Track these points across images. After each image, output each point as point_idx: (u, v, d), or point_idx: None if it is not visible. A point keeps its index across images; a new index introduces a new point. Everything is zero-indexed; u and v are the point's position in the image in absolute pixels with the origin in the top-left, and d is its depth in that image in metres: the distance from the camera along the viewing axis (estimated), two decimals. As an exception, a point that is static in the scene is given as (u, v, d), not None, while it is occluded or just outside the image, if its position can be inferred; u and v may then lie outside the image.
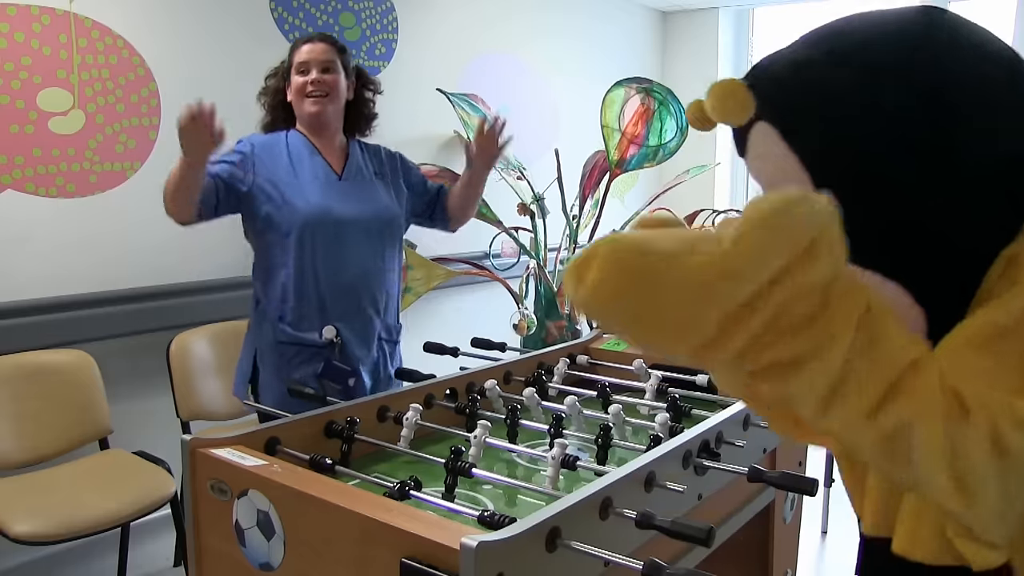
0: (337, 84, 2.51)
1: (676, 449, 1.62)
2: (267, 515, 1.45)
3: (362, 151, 2.64)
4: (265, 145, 2.49)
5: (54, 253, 3.05)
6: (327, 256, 2.44)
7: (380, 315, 2.57)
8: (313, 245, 2.42)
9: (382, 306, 2.57)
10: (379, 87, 2.72)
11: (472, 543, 1.13)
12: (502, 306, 3.97)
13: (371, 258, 2.52)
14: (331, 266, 2.45)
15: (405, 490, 1.49)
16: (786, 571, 2.26)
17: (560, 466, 1.61)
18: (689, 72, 6.29)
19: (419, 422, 1.89)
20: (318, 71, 2.47)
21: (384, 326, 2.60)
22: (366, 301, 2.52)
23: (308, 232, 2.41)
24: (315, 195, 2.44)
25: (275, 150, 2.49)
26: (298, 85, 2.49)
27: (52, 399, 2.88)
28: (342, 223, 2.45)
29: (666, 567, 1.18)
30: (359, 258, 2.49)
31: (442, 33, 4.49)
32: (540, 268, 3.76)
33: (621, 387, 2.29)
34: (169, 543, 3.23)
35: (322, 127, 2.53)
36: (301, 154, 2.50)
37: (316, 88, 2.47)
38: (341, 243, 2.45)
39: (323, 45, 2.51)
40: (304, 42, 2.53)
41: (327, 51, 2.51)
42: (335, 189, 2.49)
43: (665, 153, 3.67)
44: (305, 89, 2.48)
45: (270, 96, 2.59)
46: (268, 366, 2.49)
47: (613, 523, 1.39)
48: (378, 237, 2.53)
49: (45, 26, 2.94)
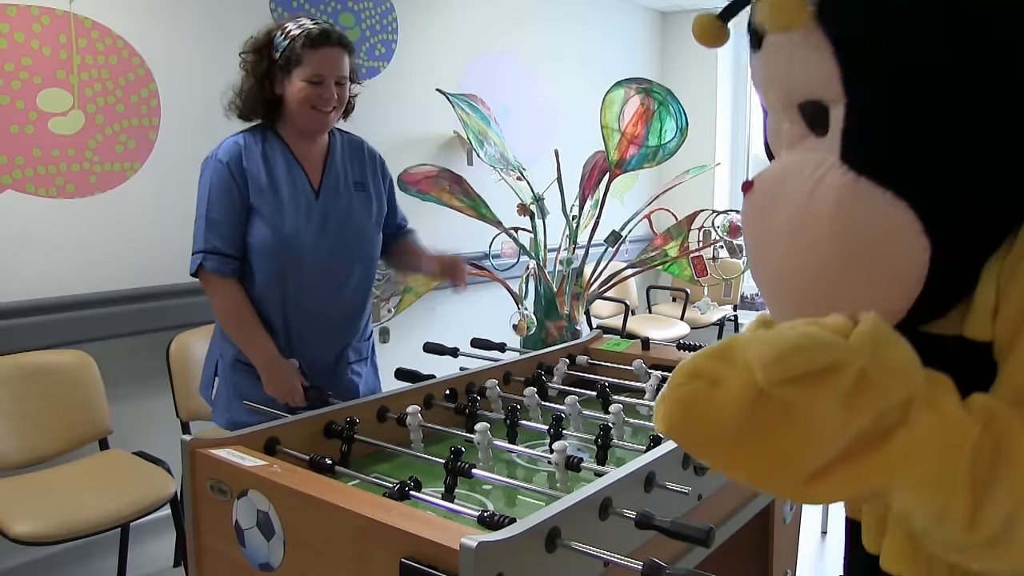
0: (346, 95, 2.29)
1: (676, 449, 1.62)
2: (267, 515, 1.45)
3: (343, 149, 2.42)
4: (238, 158, 2.25)
5: (54, 253, 3.05)
6: (297, 287, 2.27)
7: (348, 340, 2.42)
8: (282, 275, 2.26)
9: (349, 331, 2.42)
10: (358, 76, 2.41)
11: (472, 543, 1.13)
12: (502, 306, 3.96)
13: (338, 285, 2.34)
14: (300, 297, 2.29)
15: (405, 490, 1.49)
16: (786, 571, 2.26)
17: (566, 468, 1.61)
18: (689, 72, 6.30)
19: (422, 424, 1.90)
20: (334, 86, 2.23)
21: (354, 349, 2.45)
22: (331, 329, 2.37)
23: (276, 262, 2.25)
24: (289, 220, 2.24)
25: (250, 157, 2.26)
26: (308, 96, 2.21)
27: (52, 399, 2.88)
28: (312, 253, 2.27)
29: (666, 567, 1.18)
30: (325, 287, 2.31)
31: (442, 33, 4.50)
32: (540, 268, 3.76)
33: (621, 387, 2.29)
34: (169, 543, 3.23)
35: (311, 135, 2.32)
36: (277, 165, 2.28)
37: (328, 104, 2.23)
38: (308, 272, 2.27)
39: (341, 53, 2.24)
40: (320, 43, 2.20)
41: (344, 61, 2.24)
42: (312, 213, 2.28)
43: (665, 153, 3.67)
44: (316, 103, 2.21)
45: (256, 82, 2.26)
46: (226, 382, 2.35)
47: (613, 523, 1.39)
48: (348, 262, 2.35)
49: (45, 26, 2.94)
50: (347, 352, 2.43)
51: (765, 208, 0.95)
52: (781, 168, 0.95)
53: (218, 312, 2.28)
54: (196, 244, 2.26)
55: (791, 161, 0.93)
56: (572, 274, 3.80)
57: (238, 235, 2.25)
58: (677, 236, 3.87)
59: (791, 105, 0.95)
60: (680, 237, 3.86)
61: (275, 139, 2.31)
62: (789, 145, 0.96)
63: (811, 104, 0.92)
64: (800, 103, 0.94)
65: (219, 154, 2.26)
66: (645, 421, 1.96)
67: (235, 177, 2.23)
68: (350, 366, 2.45)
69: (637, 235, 4.53)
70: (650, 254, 3.94)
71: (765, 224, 0.95)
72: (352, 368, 2.45)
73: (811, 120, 0.93)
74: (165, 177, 3.33)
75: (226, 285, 2.25)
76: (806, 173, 0.89)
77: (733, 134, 6.46)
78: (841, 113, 0.88)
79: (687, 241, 3.85)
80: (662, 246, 3.90)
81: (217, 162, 2.25)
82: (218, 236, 2.23)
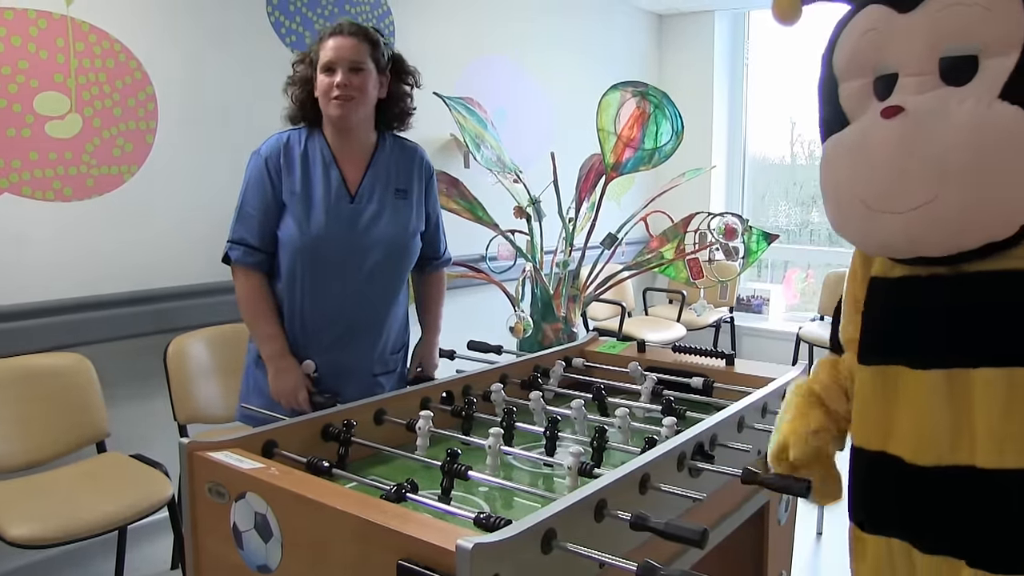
0: (366, 85, 2.26)
1: (671, 451, 1.63)
2: (264, 517, 1.45)
3: (392, 155, 2.42)
4: (277, 154, 2.31)
5: (51, 256, 3.06)
6: (315, 288, 2.30)
7: (372, 350, 2.41)
8: (303, 274, 2.30)
9: (371, 338, 2.40)
10: (419, 79, 2.46)
11: (468, 544, 1.14)
12: (498, 309, 3.97)
13: (364, 293, 2.34)
14: (319, 299, 2.31)
15: (401, 492, 1.50)
16: (781, 572, 2.27)
17: (578, 475, 1.61)
18: (685, 75, 6.32)
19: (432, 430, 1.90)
20: (345, 72, 2.22)
21: (380, 360, 2.43)
22: (349, 334, 2.36)
23: (300, 261, 2.28)
24: (317, 221, 2.27)
25: (290, 156, 2.31)
26: (323, 86, 2.25)
27: (50, 402, 2.88)
28: (337, 257, 2.29)
29: (660, 568, 1.19)
30: (350, 293, 2.32)
31: (439, 37, 4.51)
32: (536, 271, 3.77)
33: (617, 389, 2.30)
34: (166, 546, 3.24)
35: (347, 131, 2.33)
36: (316, 164, 2.31)
37: (342, 92, 2.23)
38: (333, 277, 2.30)
39: (352, 41, 2.24)
40: (331, 35, 2.26)
41: (356, 48, 2.24)
42: (342, 215, 2.29)
43: (661, 156, 3.67)
44: (331, 92, 2.23)
45: (298, 87, 2.33)
46: (250, 376, 2.41)
47: (608, 525, 1.40)
48: (377, 271, 2.34)
49: (42, 30, 2.95)
50: (371, 361, 2.41)
51: (921, 126, 1.22)
52: (934, 100, 1.23)
53: (238, 300, 2.35)
54: (229, 234, 2.34)
55: (940, 97, 1.23)
56: (568, 276, 3.81)
57: (268, 229, 2.31)
58: (673, 238, 3.88)
59: (931, 59, 1.25)
60: (676, 239, 3.87)
61: (319, 138, 2.36)
62: (919, 92, 1.25)
63: (957, 59, 1.23)
64: (943, 57, 1.24)
65: (262, 149, 2.35)
66: (641, 424, 1.97)
67: (271, 173, 2.31)
68: (376, 377, 2.43)
69: (633, 237, 4.53)
70: (646, 256, 3.95)
71: (922, 137, 1.22)
72: (377, 380, 2.44)
73: (947, 73, 1.24)
74: (162, 180, 3.33)
75: (247, 275, 2.33)
76: (968, 104, 1.19)
77: (729, 137, 6.47)
78: (1004, 62, 1.19)
79: (683, 243, 3.85)
80: (658, 248, 3.90)
81: (258, 156, 2.34)
82: (247, 228, 2.31)
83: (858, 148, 1.31)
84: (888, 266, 1.41)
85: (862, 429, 1.45)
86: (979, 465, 1.27)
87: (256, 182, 2.31)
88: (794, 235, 6.63)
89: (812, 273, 6.48)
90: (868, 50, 1.33)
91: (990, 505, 1.27)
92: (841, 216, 1.38)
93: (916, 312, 1.36)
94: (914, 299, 1.36)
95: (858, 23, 1.35)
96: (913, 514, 1.37)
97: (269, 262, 2.34)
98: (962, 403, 1.29)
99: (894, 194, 1.26)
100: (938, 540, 1.34)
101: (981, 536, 1.29)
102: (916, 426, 1.35)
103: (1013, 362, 1.24)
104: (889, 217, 1.27)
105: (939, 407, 1.31)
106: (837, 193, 1.37)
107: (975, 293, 1.29)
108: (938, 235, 1.24)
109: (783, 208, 6.75)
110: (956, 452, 1.30)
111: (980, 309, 1.28)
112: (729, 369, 2.38)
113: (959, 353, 1.29)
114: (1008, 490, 1.25)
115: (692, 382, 2.28)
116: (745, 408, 1.95)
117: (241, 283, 2.33)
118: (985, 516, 1.28)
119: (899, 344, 1.38)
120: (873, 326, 1.44)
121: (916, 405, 1.34)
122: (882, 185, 1.27)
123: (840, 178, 1.35)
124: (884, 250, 1.38)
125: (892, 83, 1.31)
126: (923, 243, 1.27)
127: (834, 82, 1.40)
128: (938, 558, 1.34)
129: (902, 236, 1.27)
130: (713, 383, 2.27)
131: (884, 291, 1.42)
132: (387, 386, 2.45)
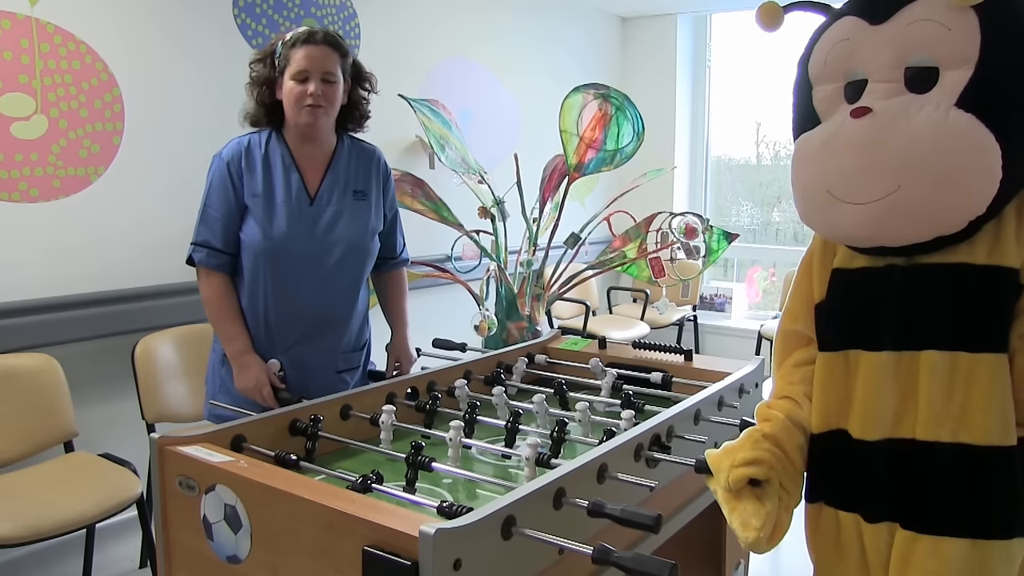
0: (336, 94, 2.34)
1: (628, 442, 1.69)
2: (234, 509, 1.49)
3: (350, 157, 2.47)
4: (238, 157, 2.35)
5: (18, 257, 3.06)
6: (277, 288, 2.35)
7: (335, 348, 2.46)
8: (266, 275, 2.34)
9: (334, 336, 2.45)
10: (375, 85, 2.51)
11: (430, 530, 1.19)
12: (463, 308, 4.02)
13: (326, 293, 2.39)
14: (282, 299, 2.36)
15: (367, 483, 1.54)
16: (739, 562, 2.33)
17: (535, 465, 1.67)
18: (648, 77, 6.39)
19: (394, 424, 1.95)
20: (318, 82, 2.27)
21: (343, 357, 2.49)
22: (313, 333, 2.41)
23: (262, 262, 2.33)
24: (279, 224, 2.32)
25: (251, 159, 2.35)
26: (295, 94, 2.28)
27: (17, 402, 2.89)
28: (299, 258, 2.34)
29: (614, 551, 1.25)
30: (308, 290, 2.37)
31: (404, 39, 4.54)
32: (501, 270, 3.82)
33: (578, 384, 2.36)
34: (134, 545, 3.25)
35: (312, 138, 2.39)
36: (277, 167, 2.36)
37: (314, 101, 2.27)
38: (295, 277, 2.35)
39: (326, 50, 2.29)
40: (304, 41, 2.28)
41: (330, 58, 2.29)
42: (303, 217, 2.35)
43: (622, 157, 3.74)
44: (302, 100, 2.28)
45: (258, 88, 2.36)
46: (215, 375, 2.45)
47: (567, 512, 1.45)
48: (338, 271, 2.39)
49: (6, 31, 2.95)
50: (335, 359, 2.47)
51: (887, 126, 1.34)
52: (898, 104, 1.34)
53: (203, 301, 2.39)
54: (193, 236, 2.38)
55: (904, 102, 1.34)
56: (532, 276, 3.86)
57: (230, 231, 2.35)
58: (635, 238, 3.95)
59: (897, 68, 1.36)
60: (638, 239, 3.94)
61: (279, 142, 2.40)
62: (885, 97, 1.37)
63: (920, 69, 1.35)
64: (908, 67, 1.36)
65: (223, 152, 2.38)
66: (602, 417, 2.02)
67: (233, 176, 2.34)
68: (339, 374, 2.49)
69: (597, 237, 4.60)
70: (609, 256, 4.01)
71: (887, 136, 1.33)
72: (341, 376, 2.49)
73: (911, 81, 1.36)
74: (129, 181, 3.35)
75: (211, 276, 2.37)
76: (928, 109, 1.31)
77: (692, 138, 6.56)
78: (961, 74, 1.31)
79: (645, 243, 3.93)
80: (621, 248, 3.97)
81: (220, 160, 2.38)
82: (210, 230, 2.35)
83: (828, 144, 1.42)
84: (849, 257, 1.52)
85: (822, 413, 1.54)
86: (919, 438, 1.40)
87: (218, 185, 2.35)
88: (759, 234, 6.73)
89: (774, 271, 6.57)
90: (841, 57, 1.44)
91: (924, 474, 1.40)
92: (809, 207, 1.48)
93: (873, 299, 1.47)
94: (872, 287, 1.47)
95: (833, 32, 1.47)
96: (860, 486, 1.49)
97: (232, 263, 2.38)
98: (908, 383, 1.42)
99: (859, 186, 1.37)
100: (881, 508, 1.46)
101: (915, 501, 1.42)
102: (865, 404, 1.47)
103: (956, 346, 1.37)
104: (853, 208, 1.38)
105: (887, 386, 1.44)
106: (807, 185, 1.48)
107: (925, 282, 1.41)
108: (896, 224, 1.36)
109: (747, 208, 6.85)
110: (899, 427, 1.43)
111: (929, 297, 1.40)
112: (688, 364, 2.44)
113: (908, 336, 1.42)
114: (940, 462, 1.38)
115: (651, 377, 2.34)
116: (701, 401, 2.01)
117: (205, 284, 2.37)
118: (919, 483, 1.41)
119: (858, 329, 1.49)
120: (835, 314, 1.55)
121: (868, 384, 1.46)
122: (849, 177, 1.38)
123: (810, 171, 1.46)
124: (848, 239, 1.48)
125: (861, 88, 1.42)
126: (883, 232, 1.38)
127: (808, 85, 1.52)
128: (881, 525, 1.46)
129: (864, 226, 1.39)
130: (672, 378, 2.33)
131: (845, 280, 1.53)
132: (351, 382, 2.50)
